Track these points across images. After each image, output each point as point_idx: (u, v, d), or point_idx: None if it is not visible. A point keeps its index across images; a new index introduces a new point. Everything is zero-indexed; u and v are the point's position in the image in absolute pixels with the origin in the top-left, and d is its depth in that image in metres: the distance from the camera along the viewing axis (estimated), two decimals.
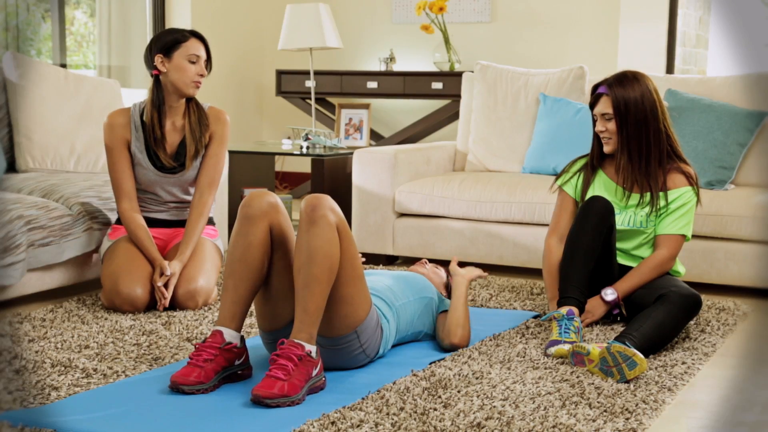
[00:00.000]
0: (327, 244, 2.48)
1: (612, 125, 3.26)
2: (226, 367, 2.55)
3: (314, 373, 2.47)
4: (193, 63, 3.55)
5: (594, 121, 3.35)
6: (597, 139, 3.37)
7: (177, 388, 2.47)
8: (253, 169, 5.66)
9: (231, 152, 4.88)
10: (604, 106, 3.26)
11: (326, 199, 2.53)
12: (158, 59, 3.55)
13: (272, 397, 2.37)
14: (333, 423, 2.28)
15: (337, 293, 2.56)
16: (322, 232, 2.47)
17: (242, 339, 2.59)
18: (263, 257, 2.58)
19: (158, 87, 3.59)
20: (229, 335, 2.55)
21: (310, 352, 2.46)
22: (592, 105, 3.32)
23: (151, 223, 3.65)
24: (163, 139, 3.58)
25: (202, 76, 3.58)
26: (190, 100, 3.65)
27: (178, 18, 5.95)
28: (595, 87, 3.31)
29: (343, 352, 2.68)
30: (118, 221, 3.67)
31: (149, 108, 3.59)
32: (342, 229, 2.55)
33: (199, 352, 2.51)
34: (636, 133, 3.24)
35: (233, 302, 2.57)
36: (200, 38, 3.61)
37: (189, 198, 3.70)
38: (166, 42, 3.56)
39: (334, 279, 2.51)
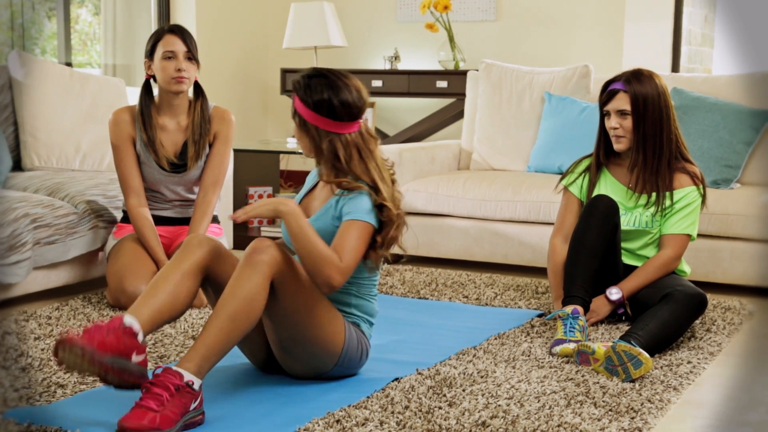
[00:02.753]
0: (254, 288, 2.32)
1: (628, 123, 3.24)
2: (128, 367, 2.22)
3: (192, 406, 2.21)
4: (170, 59, 3.54)
5: (603, 118, 3.31)
6: (603, 137, 3.35)
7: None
8: (257, 168, 5.66)
9: (235, 150, 4.88)
10: (622, 102, 3.23)
11: (272, 246, 2.37)
12: (146, 64, 3.57)
13: (140, 429, 2.12)
14: (338, 421, 2.28)
15: (306, 337, 2.47)
16: (253, 276, 2.32)
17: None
18: (191, 290, 2.40)
19: (147, 91, 3.59)
20: (129, 320, 2.27)
21: (191, 383, 2.22)
22: (606, 101, 3.28)
23: (156, 220, 3.65)
24: (152, 144, 3.57)
25: (179, 70, 3.51)
26: (197, 99, 3.64)
27: (182, 16, 5.95)
28: (608, 83, 3.28)
29: (342, 373, 2.64)
30: (124, 219, 3.68)
31: (137, 113, 3.59)
32: (289, 274, 2.39)
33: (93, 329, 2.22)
34: (652, 132, 3.22)
35: (150, 298, 2.33)
36: (177, 32, 3.55)
37: (193, 197, 3.70)
38: (149, 45, 3.57)
39: (248, 326, 2.33)
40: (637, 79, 3.22)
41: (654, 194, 3.28)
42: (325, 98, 2.52)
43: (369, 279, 2.63)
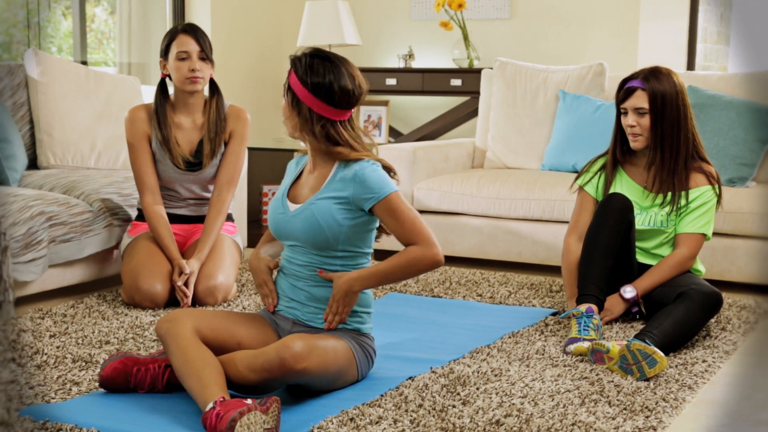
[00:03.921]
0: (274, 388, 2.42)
1: (645, 121, 3.22)
2: None
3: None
4: (184, 59, 3.55)
5: (619, 116, 3.30)
6: (620, 135, 3.33)
7: None
8: (271, 166, 5.67)
9: (250, 149, 4.89)
10: (640, 100, 3.21)
11: (311, 356, 2.35)
12: (161, 63, 3.59)
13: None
14: (352, 419, 2.28)
15: (326, 388, 2.48)
16: (276, 382, 2.38)
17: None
18: (206, 348, 2.44)
19: (162, 89, 3.60)
20: (211, 404, 2.26)
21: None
22: (623, 99, 3.26)
23: (171, 218, 3.66)
24: (168, 142, 3.58)
25: (193, 70, 3.53)
26: (213, 97, 3.65)
27: (197, 15, 5.96)
28: (625, 81, 3.26)
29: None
30: (138, 217, 3.69)
31: (153, 111, 3.60)
32: (319, 373, 2.39)
33: None
34: (670, 130, 3.20)
35: (200, 379, 2.33)
36: (190, 32, 3.56)
37: (208, 195, 3.71)
38: (164, 44, 3.58)
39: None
40: (655, 77, 3.20)
41: (669, 193, 3.26)
42: (326, 82, 2.46)
43: (364, 257, 2.58)
